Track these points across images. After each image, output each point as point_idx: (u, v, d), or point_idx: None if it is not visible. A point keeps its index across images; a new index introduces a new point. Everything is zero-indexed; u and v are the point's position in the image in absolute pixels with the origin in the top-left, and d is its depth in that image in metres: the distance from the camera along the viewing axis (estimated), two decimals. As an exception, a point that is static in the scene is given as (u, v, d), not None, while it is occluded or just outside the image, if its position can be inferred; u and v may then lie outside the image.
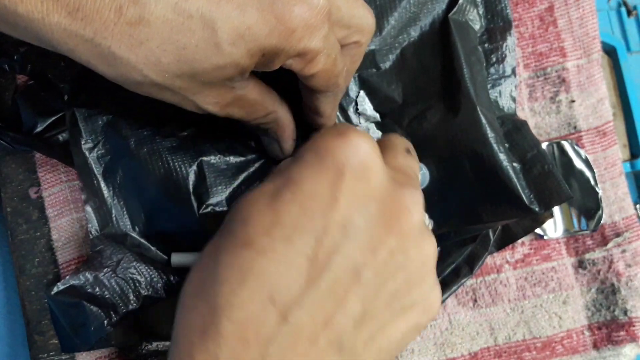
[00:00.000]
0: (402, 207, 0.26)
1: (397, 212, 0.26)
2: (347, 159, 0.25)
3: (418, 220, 0.26)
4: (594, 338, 0.42)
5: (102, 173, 0.39)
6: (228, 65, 0.27)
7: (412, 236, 0.26)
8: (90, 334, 0.36)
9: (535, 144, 0.38)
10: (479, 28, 0.41)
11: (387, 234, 0.25)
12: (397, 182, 0.26)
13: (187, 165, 0.38)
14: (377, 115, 0.40)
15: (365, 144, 0.25)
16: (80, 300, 0.37)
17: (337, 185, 0.25)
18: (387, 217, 0.25)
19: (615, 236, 0.41)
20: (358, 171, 0.25)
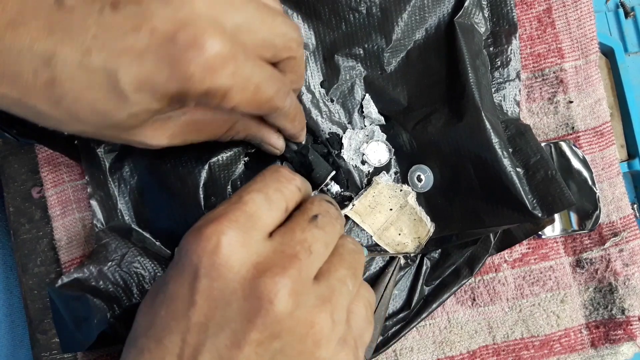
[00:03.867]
0: (263, 301, 0.25)
1: (258, 305, 0.25)
2: (200, 259, 0.25)
3: (285, 309, 0.25)
4: (591, 337, 0.42)
5: (108, 168, 0.39)
6: (140, 112, 0.28)
7: (281, 325, 0.25)
8: (93, 327, 0.37)
9: (538, 149, 0.38)
10: (484, 31, 0.41)
11: (251, 329, 0.25)
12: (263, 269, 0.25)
13: (194, 161, 0.38)
14: (382, 118, 0.40)
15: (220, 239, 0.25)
16: (84, 293, 0.37)
17: (195, 287, 0.25)
18: (248, 311, 0.25)
19: (613, 235, 0.42)
20: (211, 270, 0.25)
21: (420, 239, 0.40)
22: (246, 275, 0.25)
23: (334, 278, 0.28)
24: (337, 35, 0.40)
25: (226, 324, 0.25)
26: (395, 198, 0.40)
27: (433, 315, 0.42)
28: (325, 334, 0.26)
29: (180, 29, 0.26)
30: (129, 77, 0.26)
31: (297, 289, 0.25)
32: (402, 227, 0.40)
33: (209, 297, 0.25)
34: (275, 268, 0.25)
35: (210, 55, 0.26)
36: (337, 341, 0.27)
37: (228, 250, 0.25)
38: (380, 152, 0.40)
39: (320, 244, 0.28)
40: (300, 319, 0.26)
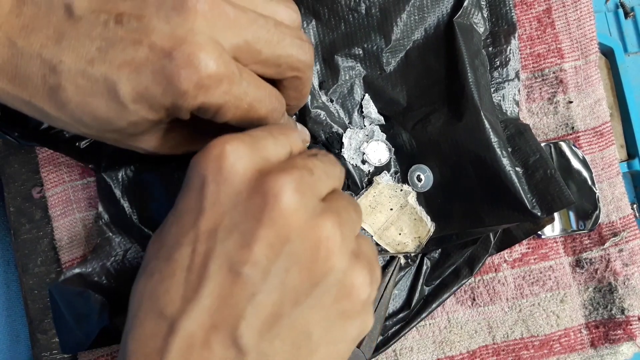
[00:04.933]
0: (268, 197, 0.25)
1: (264, 203, 0.25)
2: (206, 168, 0.26)
3: (290, 205, 0.25)
4: (591, 336, 0.42)
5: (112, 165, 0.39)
6: (139, 121, 0.29)
7: (289, 223, 0.25)
8: (94, 323, 0.37)
9: (537, 149, 0.38)
10: (483, 31, 0.41)
11: (259, 228, 0.25)
12: (268, 173, 0.26)
13: None
14: (381, 118, 0.41)
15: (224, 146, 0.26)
16: (86, 289, 0.37)
17: (202, 195, 0.26)
18: (255, 209, 0.25)
19: (613, 235, 0.42)
20: (218, 175, 0.26)
21: (421, 239, 0.40)
22: (251, 178, 0.26)
23: (338, 205, 0.28)
24: (336, 36, 0.40)
25: (234, 226, 0.25)
26: (396, 198, 0.40)
27: (433, 315, 0.42)
28: (336, 242, 0.26)
29: (177, 46, 0.26)
30: (127, 89, 0.27)
31: (302, 190, 0.26)
32: (402, 226, 0.40)
33: (216, 202, 0.25)
34: (279, 170, 0.26)
35: (204, 75, 0.27)
36: (349, 253, 0.27)
37: (233, 156, 0.26)
38: (380, 151, 0.40)
39: (321, 171, 0.28)
40: (309, 222, 0.26)
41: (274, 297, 0.25)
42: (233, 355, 0.25)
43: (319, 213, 0.26)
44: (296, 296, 0.25)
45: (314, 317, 0.26)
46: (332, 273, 0.26)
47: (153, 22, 0.27)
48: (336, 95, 0.40)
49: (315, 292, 0.26)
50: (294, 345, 0.26)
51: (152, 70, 0.27)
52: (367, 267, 0.27)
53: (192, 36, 0.26)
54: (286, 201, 0.25)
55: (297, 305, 0.26)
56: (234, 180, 0.26)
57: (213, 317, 0.25)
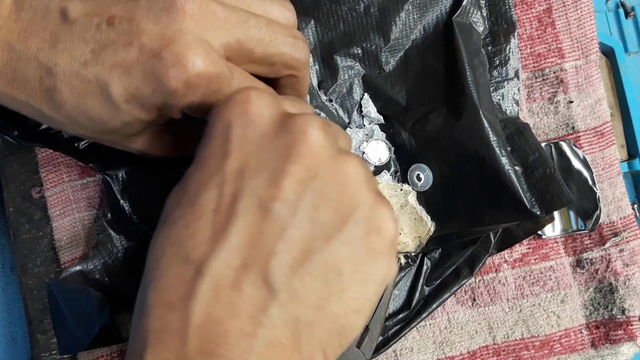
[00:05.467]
0: (296, 134, 0.25)
1: (292, 140, 0.25)
2: (231, 112, 0.26)
3: (318, 140, 0.25)
4: (592, 337, 0.42)
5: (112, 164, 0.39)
6: (132, 121, 0.29)
7: (317, 158, 0.25)
8: (94, 321, 0.37)
9: (537, 148, 0.38)
10: (482, 30, 0.41)
11: (288, 164, 0.25)
12: (290, 113, 0.27)
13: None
14: (380, 117, 0.40)
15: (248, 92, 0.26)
16: (87, 287, 0.37)
17: (227, 138, 0.26)
18: (283, 148, 0.25)
19: (613, 236, 0.42)
20: (243, 118, 0.26)
21: (421, 238, 0.40)
22: (277, 119, 0.26)
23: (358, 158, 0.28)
24: (335, 35, 0.40)
25: (262, 165, 0.25)
26: (396, 197, 0.40)
27: (433, 316, 0.42)
28: (363, 178, 0.26)
29: (165, 46, 0.27)
30: (119, 89, 0.28)
31: (326, 130, 0.26)
32: (402, 226, 0.40)
33: (242, 143, 0.25)
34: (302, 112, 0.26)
35: (192, 73, 0.27)
36: (374, 191, 0.27)
37: (258, 100, 0.26)
38: (380, 151, 0.40)
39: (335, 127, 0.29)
40: (336, 159, 0.26)
41: (304, 233, 0.25)
42: (263, 294, 0.24)
43: (343, 152, 0.26)
44: (326, 231, 0.25)
45: (345, 252, 0.26)
46: (361, 208, 0.26)
47: (143, 24, 0.27)
48: (335, 95, 0.40)
49: (345, 227, 0.26)
50: (325, 282, 0.26)
51: (142, 71, 0.27)
52: (391, 208, 0.28)
53: (181, 36, 0.27)
54: (314, 137, 0.25)
55: (328, 240, 0.25)
56: (260, 121, 0.26)
57: (243, 256, 0.24)
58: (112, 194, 0.39)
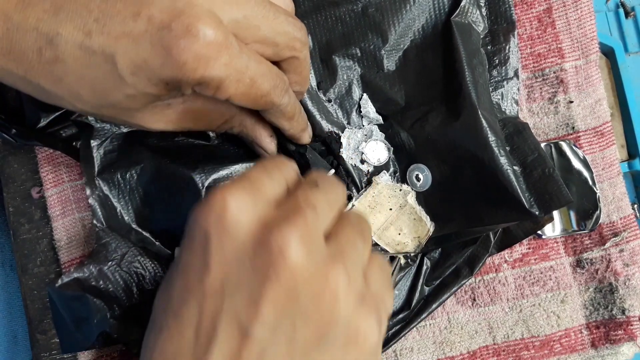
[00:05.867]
0: (274, 254, 0.24)
1: (270, 260, 0.24)
2: (209, 223, 0.25)
3: (297, 261, 0.24)
4: (592, 337, 0.42)
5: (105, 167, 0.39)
6: (137, 95, 0.28)
7: (296, 280, 0.24)
8: (93, 327, 0.37)
9: (536, 147, 0.38)
10: (482, 29, 0.41)
11: (266, 286, 0.24)
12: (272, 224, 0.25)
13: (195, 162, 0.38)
14: (379, 117, 0.40)
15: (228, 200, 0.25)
16: (84, 293, 0.37)
17: (206, 251, 0.25)
18: (261, 266, 0.25)
19: (613, 236, 0.42)
20: (222, 231, 0.25)
21: (420, 239, 0.40)
22: (255, 232, 0.25)
23: (343, 239, 0.27)
24: (333, 36, 0.40)
25: (241, 283, 0.25)
26: (395, 198, 0.40)
27: (433, 316, 0.42)
28: (342, 287, 0.26)
29: (176, 17, 0.26)
30: (125, 61, 0.27)
31: (307, 239, 0.25)
32: (401, 226, 0.40)
33: (221, 259, 0.25)
34: (282, 221, 0.25)
35: (203, 44, 0.26)
36: (355, 297, 0.26)
37: (236, 209, 0.25)
38: (379, 151, 0.40)
39: (324, 203, 0.27)
40: (314, 272, 0.25)
41: (283, 353, 0.25)
42: None
43: (324, 262, 0.26)
44: (304, 348, 0.25)
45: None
46: (339, 322, 0.26)
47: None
48: (334, 95, 0.40)
49: (323, 343, 0.25)
50: None
51: (151, 42, 0.27)
52: (374, 309, 0.27)
53: (191, 8, 0.26)
54: (292, 256, 0.24)
55: (306, 356, 0.25)
56: (238, 234, 0.25)
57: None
58: (106, 199, 0.39)
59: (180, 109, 0.32)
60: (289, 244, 0.24)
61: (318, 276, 0.25)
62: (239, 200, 0.25)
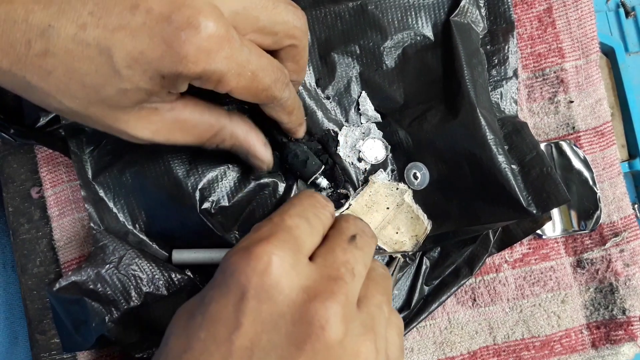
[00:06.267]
0: (313, 325, 0.24)
1: (308, 331, 0.24)
2: (249, 279, 0.25)
3: (336, 337, 0.24)
4: (592, 337, 0.42)
5: (100, 170, 0.39)
6: (131, 90, 0.28)
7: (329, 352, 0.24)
8: (92, 330, 0.37)
9: (534, 146, 0.38)
10: (481, 29, 0.41)
11: (299, 355, 0.24)
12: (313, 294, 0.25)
13: (189, 164, 0.38)
14: (378, 115, 0.40)
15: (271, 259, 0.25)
16: (82, 297, 0.37)
17: (241, 308, 0.25)
18: (297, 336, 0.24)
19: (614, 236, 0.41)
20: (261, 291, 0.25)
21: (418, 237, 0.40)
22: (296, 299, 0.25)
23: (373, 304, 0.27)
24: (332, 33, 0.40)
25: (272, 349, 0.24)
26: (392, 196, 0.40)
27: (433, 316, 0.42)
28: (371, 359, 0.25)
29: (176, 9, 0.26)
30: (122, 54, 0.26)
31: (347, 315, 0.25)
32: (399, 225, 0.40)
33: (255, 319, 0.24)
34: (325, 293, 0.25)
35: (205, 36, 0.26)
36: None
37: (279, 271, 0.25)
38: (376, 149, 0.40)
39: (361, 266, 0.27)
40: (348, 347, 0.25)
41: None
42: None
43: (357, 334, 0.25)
44: None
45: None
46: None
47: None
48: (333, 93, 0.40)
49: None
50: None
51: (150, 35, 0.26)
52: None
53: (191, 0, 0.26)
54: (333, 333, 0.24)
55: None
56: (278, 299, 0.25)
57: None
58: (102, 202, 0.39)
59: (168, 118, 0.31)
60: (330, 321, 0.24)
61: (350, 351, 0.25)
62: (284, 261, 0.25)
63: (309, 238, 0.27)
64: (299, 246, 0.26)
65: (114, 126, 0.30)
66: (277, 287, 0.25)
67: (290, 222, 0.27)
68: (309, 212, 0.28)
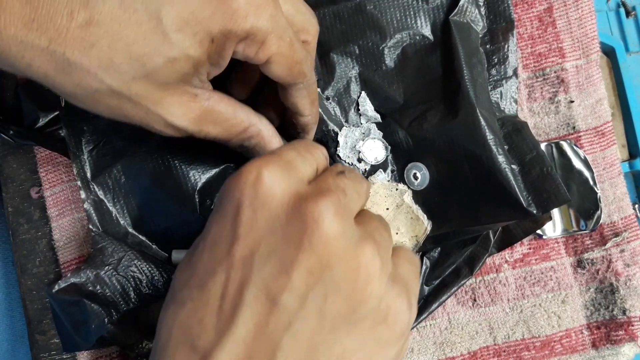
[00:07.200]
0: (309, 222, 0.24)
1: (303, 227, 0.24)
2: (242, 192, 0.25)
3: (331, 230, 0.24)
4: (592, 337, 0.42)
5: (99, 171, 0.39)
6: (179, 57, 0.27)
7: (330, 249, 0.24)
8: (91, 332, 0.37)
9: (534, 146, 0.38)
10: (481, 28, 0.41)
11: (299, 253, 0.24)
12: (307, 197, 0.25)
13: (189, 164, 0.38)
14: (377, 115, 0.40)
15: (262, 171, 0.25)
16: (81, 298, 0.37)
17: (237, 220, 0.25)
18: (293, 235, 0.24)
19: (614, 236, 0.41)
20: (254, 200, 0.25)
21: (418, 237, 0.40)
22: (289, 202, 0.25)
23: (372, 226, 0.27)
24: (331, 33, 0.40)
25: (272, 252, 0.24)
26: (392, 197, 0.40)
27: (433, 316, 0.42)
28: (376, 266, 0.25)
29: None
30: (172, 15, 0.26)
31: (340, 214, 0.25)
32: (399, 226, 0.40)
33: (252, 228, 0.25)
34: (317, 195, 0.25)
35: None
36: (387, 278, 0.26)
37: (270, 179, 0.25)
38: (376, 149, 0.40)
39: (352, 190, 0.27)
40: (348, 247, 0.25)
41: (312, 325, 0.24)
42: None
43: (357, 239, 0.25)
44: (334, 323, 0.25)
45: (352, 344, 0.25)
46: (371, 299, 0.25)
47: None
48: (332, 93, 0.40)
49: (353, 320, 0.25)
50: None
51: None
52: (405, 291, 0.27)
53: None
54: (327, 226, 0.24)
55: (335, 332, 0.25)
56: (271, 205, 0.25)
57: (248, 348, 0.24)
58: (101, 203, 0.39)
59: (205, 107, 0.31)
60: (324, 215, 0.24)
61: (352, 252, 0.25)
62: (273, 172, 0.25)
63: (301, 164, 0.27)
64: (290, 165, 0.26)
65: (153, 109, 0.29)
66: (270, 193, 0.25)
67: (280, 150, 0.27)
68: (301, 147, 0.28)
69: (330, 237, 0.24)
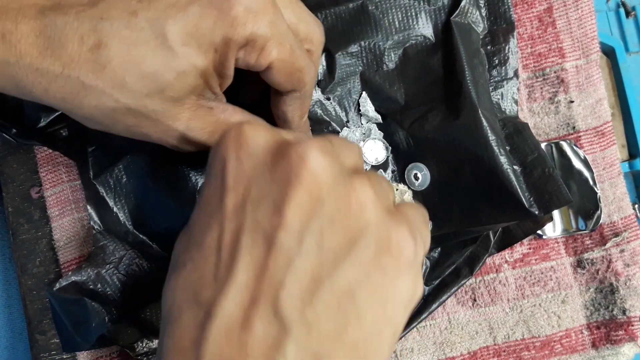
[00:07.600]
0: (294, 159, 0.24)
1: (291, 165, 0.24)
2: (227, 148, 0.25)
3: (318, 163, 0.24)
4: (592, 337, 0.42)
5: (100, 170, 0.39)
6: (188, 70, 0.28)
7: (319, 182, 0.24)
8: (91, 331, 0.37)
9: (536, 147, 0.38)
10: (481, 30, 0.41)
11: (289, 190, 0.24)
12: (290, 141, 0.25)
13: (190, 165, 0.38)
14: (378, 116, 0.40)
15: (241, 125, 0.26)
16: (82, 297, 0.37)
17: (224, 174, 0.25)
18: (281, 175, 0.24)
19: (614, 236, 0.41)
20: (240, 151, 0.25)
21: (419, 238, 0.40)
22: (273, 147, 0.25)
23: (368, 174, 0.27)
24: (333, 34, 0.40)
25: (263, 195, 0.24)
26: (393, 197, 0.40)
27: (433, 316, 0.42)
28: (368, 195, 0.25)
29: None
30: (176, 30, 0.27)
31: (326, 151, 0.25)
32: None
33: (240, 176, 0.25)
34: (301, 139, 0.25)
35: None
36: (384, 209, 0.26)
37: (252, 131, 0.25)
38: (377, 150, 0.40)
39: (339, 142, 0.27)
40: (339, 180, 0.25)
41: (312, 261, 0.24)
42: (276, 330, 0.23)
43: (349, 175, 0.25)
44: (334, 256, 0.24)
45: (356, 275, 0.24)
46: (369, 228, 0.25)
47: None
48: (333, 93, 0.40)
49: (354, 249, 0.24)
50: (339, 309, 0.24)
51: (200, 4, 0.27)
52: (407, 226, 0.26)
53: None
54: (314, 161, 0.24)
55: (337, 265, 0.24)
56: (256, 151, 0.25)
57: (251, 292, 0.23)
58: (103, 202, 0.39)
59: (221, 120, 0.31)
60: (309, 150, 0.24)
61: (343, 185, 0.25)
62: (255, 126, 0.26)
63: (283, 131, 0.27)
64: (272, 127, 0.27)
65: (172, 125, 0.30)
66: (253, 142, 0.25)
67: None
68: None
69: (318, 169, 0.24)
